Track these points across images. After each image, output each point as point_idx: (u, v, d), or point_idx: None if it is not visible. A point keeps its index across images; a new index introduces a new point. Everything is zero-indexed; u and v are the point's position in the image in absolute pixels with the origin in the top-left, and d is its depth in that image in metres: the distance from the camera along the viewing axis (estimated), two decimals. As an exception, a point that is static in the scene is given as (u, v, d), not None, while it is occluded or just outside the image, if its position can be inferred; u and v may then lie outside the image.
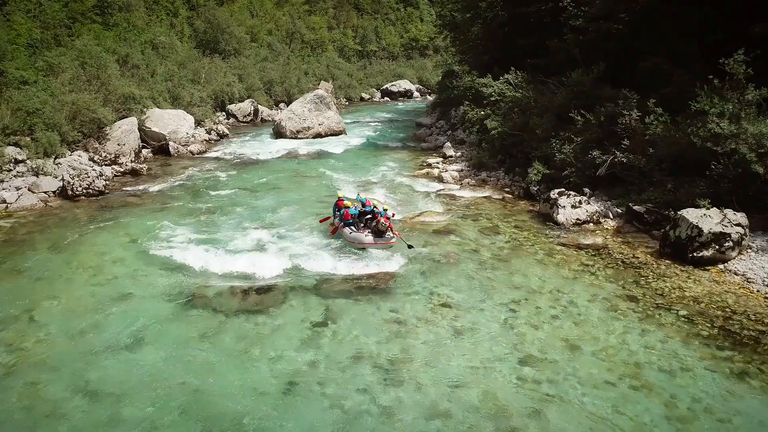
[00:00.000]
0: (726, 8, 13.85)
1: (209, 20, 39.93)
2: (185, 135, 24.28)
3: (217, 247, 11.53)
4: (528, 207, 14.92)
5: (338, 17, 64.85)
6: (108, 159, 19.52)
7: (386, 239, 11.48)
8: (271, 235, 12.49)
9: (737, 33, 12.66)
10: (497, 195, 16.22)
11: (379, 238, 11.41)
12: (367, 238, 11.45)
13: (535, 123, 16.82)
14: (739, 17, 13.28)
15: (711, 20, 14.18)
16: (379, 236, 11.41)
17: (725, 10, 13.87)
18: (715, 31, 13.97)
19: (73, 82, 20.87)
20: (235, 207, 15.01)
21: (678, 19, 15.17)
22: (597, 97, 15.65)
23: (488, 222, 13.59)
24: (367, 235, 11.50)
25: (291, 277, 10.32)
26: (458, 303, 9.31)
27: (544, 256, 11.30)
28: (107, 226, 13.24)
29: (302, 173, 19.77)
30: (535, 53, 21.35)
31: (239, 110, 34.07)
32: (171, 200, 15.72)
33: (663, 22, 15.60)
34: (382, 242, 11.45)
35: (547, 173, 15.42)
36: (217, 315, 8.85)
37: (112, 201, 15.63)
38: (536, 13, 21.97)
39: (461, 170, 19.44)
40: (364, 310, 9.05)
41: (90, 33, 27.70)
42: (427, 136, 28.05)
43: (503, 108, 19.68)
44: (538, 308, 9.11)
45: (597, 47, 17.67)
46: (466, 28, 29.14)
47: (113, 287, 9.90)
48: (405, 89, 56.17)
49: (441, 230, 12.97)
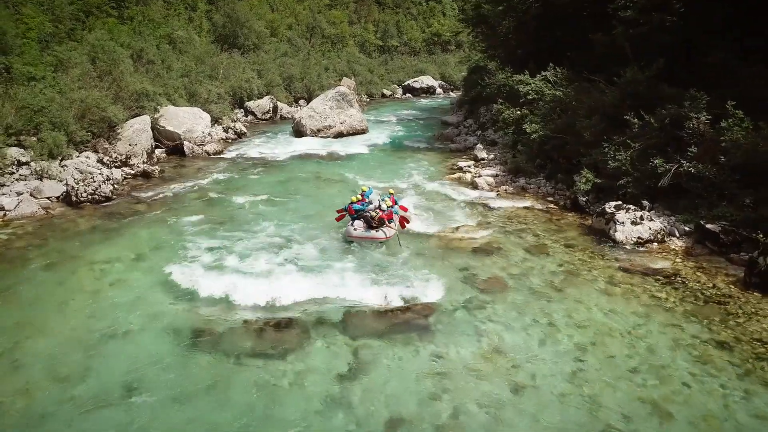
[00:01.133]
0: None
1: (228, 14, 38.71)
2: (201, 134, 23.05)
3: (229, 269, 10.18)
4: (577, 220, 13.28)
5: (359, 11, 63.34)
6: (118, 160, 18.33)
7: (373, 234, 11.19)
8: (290, 252, 11.09)
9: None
10: (540, 205, 14.59)
11: (367, 232, 11.20)
12: (356, 231, 11.30)
13: (582, 125, 15.12)
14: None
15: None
16: (370, 230, 11.21)
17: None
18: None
19: (83, 78, 19.68)
20: (251, 217, 13.66)
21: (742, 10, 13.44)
22: (655, 97, 13.91)
23: (534, 239, 12.00)
24: (356, 229, 11.33)
25: (313, 306, 8.90)
26: (513, 347, 7.78)
27: (606, 285, 9.69)
28: (110, 239, 11.98)
29: (324, 177, 18.36)
30: (574, 48, 19.68)
31: (258, 107, 32.80)
32: (181, 208, 14.42)
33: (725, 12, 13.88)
34: (369, 236, 11.20)
35: (597, 182, 13.75)
36: (228, 359, 7.46)
37: (118, 208, 14.39)
38: (575, 4, 20.27)
39: (496, 175, 17.83)
40: (401, 355, 7.58)
41: (104, 27, 26.65)
42: (454, 136, 26.42)
43: (542, 108, 18.00)
44: (610, 357, 7.55)
45: (648, 41, 15.95)
46: (496, 21, 27.43)
47: (110, 318, 8.58)
48: (427, 85, 54.39)
49: (482, 249, 11.42)
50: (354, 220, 11.61)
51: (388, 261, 10.72)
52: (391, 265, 10.47)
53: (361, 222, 11.46)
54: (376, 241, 11.24)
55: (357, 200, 12.06)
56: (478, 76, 29.56)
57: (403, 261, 10.69)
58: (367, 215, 11.34)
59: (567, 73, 18.91)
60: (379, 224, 11.24)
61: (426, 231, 12.53)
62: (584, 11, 20.41)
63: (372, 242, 11.26)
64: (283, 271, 10.10)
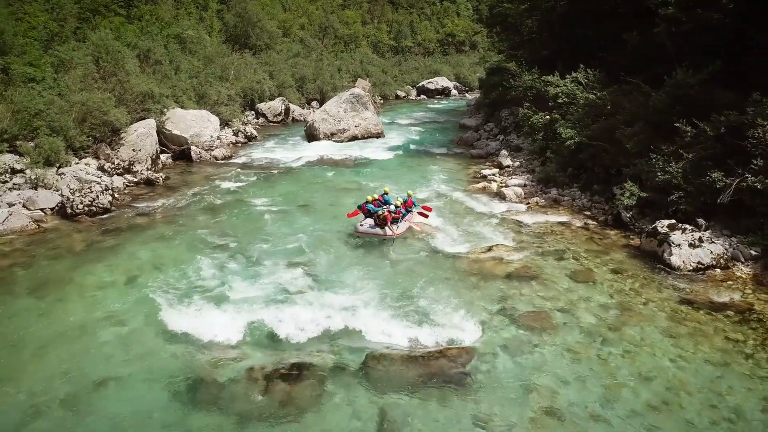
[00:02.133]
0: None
1: (240, 14, 37.75)
2: (209, 138, 21.96)
3: (234, 300, 8.95)
4: (621, 239, 11.90)
5: (372, 11, 62.26)
6: (121, 167, 17.23)
7: (377, 231, 11.74)
8: (303, 278, 9.87)
9: None
10: (577, 221, 13.22)
11: (372, 229, 11.79)
12: (362, 227, 11.89)
13: (623, 133, 13.72)
14: None
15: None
16: (375, 227, 11.78)
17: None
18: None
19: (85, 79, 18.63)
20: (260, 233, 12.46)
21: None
22: (709, 102, 12.50)
23: (576, 263, 10.65)
24: (362, 225, 11.92)
25: (330, 348, 7.66)
26: (569, 407, 6.45)
27: (669, 322, 8.33)
28: (105, 259, 10.83)
29: (339, 186, 17.13)
30: (605, 48, 18.28)
31: (269, 109, 31.72)
32: (185, 222, 13.26)
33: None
34: (372, 232, 11.79)
35: (642, 196, 12.36)
36: (228, 419, 6.22)
37: (117, 222, 13.26)
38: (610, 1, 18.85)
39: (524, 185, 16.48)
40: (436, 417, 6.29)
41: (110, 26, 25.67)
42: (475, 140, 25.07)
43: (575, 112, 16.62)
44: (689, 424, 6.20)
45: (691, 41, 14.56)
46: (519, 21, 26.07)
47: (96, 362, 7.39)
48: (442, 86, 53.04)
49: (519, 274, 10.10)
50: (366, 217, 12.18)
51: (415, 289, 9.44)
52: (419, 295, 9.21)
53: (370, 220, 12.02)
54: (378, 237, 11.80)
55: (373, 200, 12.41)
56: (500, 77, 28.19)
57: (434, 289, 9.40)
58: (376, 214, 11.91)
59: (600, 74, 17.55)
60: (383, 222, 11.68)
61: (455, 251, 11.25)
62: (618, 8, 18.99)
63: (375, 237, 11.85)
64: (294, 302, 8.86)
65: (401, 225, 12.32)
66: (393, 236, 11.77)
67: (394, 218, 11.98)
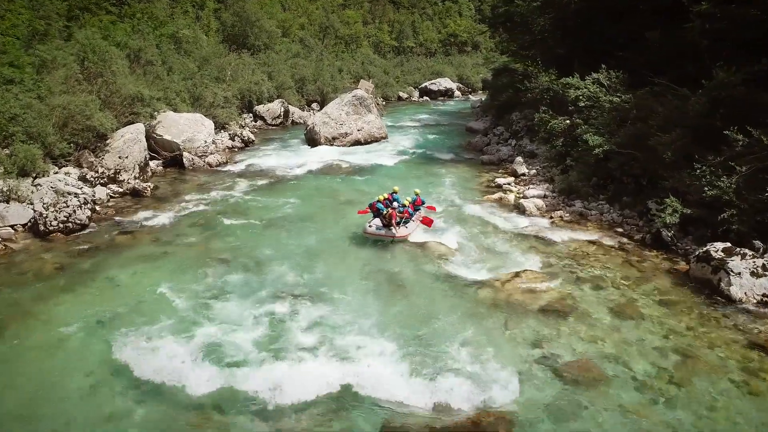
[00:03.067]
0: None
1: (238, 13, 36.27)
2: (203, 143, 20.54)
3: (222, 346, 7.55)
4: (664, 262, 10.51)
5: (374, 11, 60.90)
6: (105, 176, 15.82)
7: (386, 232, 11.53)
8: (304, 317, 8.45)
9: None
10: (609, 239, 11.82)
11: (380, 230, 11.58)
12: (370, 228, 11.68)
13: (659, 140, 12.33)
14: None
15: None
16: (383, 227, 11.57)
17: None
18: None
19: (68, 80, 17.22)
20: (256, 256, 11.06)
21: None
22: (756, 105, 11.15)
23: (617, 292, 9.26)
24: (371, 226, 11.71)
25: (338, 409, 6.27)
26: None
27: (743, 374, 6.94)
28: (76, 288, 9.44)
29: (343, 197, 15.73)
30: (626, 46, 16.96)
31: (268, 111, 30.31)
32: (172, 240, 11.88)
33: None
34: (382, 233, 11.56)
35: (686, 213, 10.98)
36: None
37: (95, 239, 11.87)
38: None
39: (544, 196, 15.10)
40: None
41: (100, 24, 24.29)
42: (484, 145, 23.66)
43: (598, 117, 15.25)
44: None
45: (724, 39, 13.27)
46: (531, 18, 24.68)
47: (51, 425, 6.01)
48: (446, 88, 51.58)
49: (553, 308, 8.72)
50: (374, 217, 12.00)
51: (435, 328, 8.06)
52: (440, 336, 7.82)
53: (377, 220, 11.82)
54: (386, 238, 11.58)
55: (383, 199, 12.16)
56: (509, 79, 26.86)
57: (458, 329, 8.02)
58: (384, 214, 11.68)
59: (623, 76, 16.18)
60: (389, 221, 11.52)
61: (477, 277, 9.87)
62: (639, 5, 17.66)
63: (385, 239, 11.61)
64: (294, 351, 7.45)
65: (410, 225, 12.11)
66: (400, 237, 11.59)
67: (403, 218, 11.92)
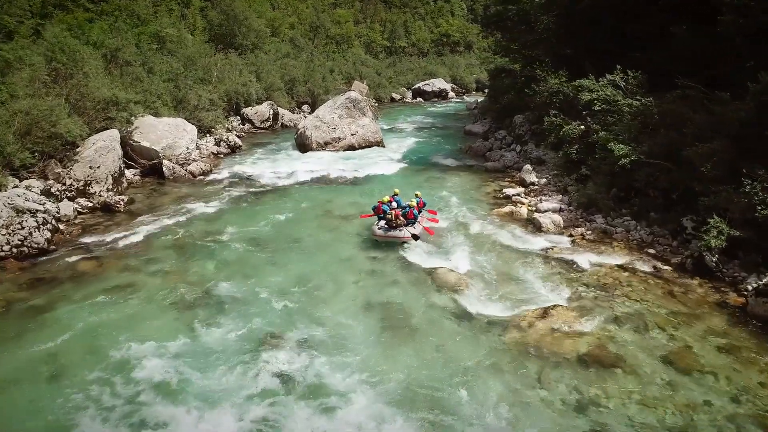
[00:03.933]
0: None
1: (225, 11, 34.60)
2: (185, 150, 18.99)
3: (196, 411, 6.07)
4: (712, 294, 9.11)
5: (365, 10, 59.43)
6: (73, 189, 14.23)
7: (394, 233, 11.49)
8: (296, 369, 7.00)
9: None
10: (641, 263, 10.43)
11: (388, 232, 11.52)
12: (379, 230, 11.63)
13: (696, 151, 10.97)
14: None
15: None
16: (391, 229, 11.52)
17: None
18: None
19: (32, 83, 15.58)
20: (240, 286, 9.55)
21: None
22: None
23: (666, 337, 7.84)
24: (379, 228, 11.66)
25: None
26: None
27: None
28: (26, 332, 7.89)
29: (337, 211, 14.26)
30: (643, 46, 15.70)
31: (256, 114, 28.78)
32: (142, 269, 10.32)
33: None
34: (391, 235, 11.51)
35: (734, 235, 9.62)
36: None
37: (55, 267, 10.30)
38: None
39: (560, 210, 13.73)
40: None
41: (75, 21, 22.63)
42: (486, 150, 22.27)
43: (617, 122, 13.91)
44: None
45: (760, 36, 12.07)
46: (534, 17, 23.34)
47: None
48: (439, 88, 50.33)
49: (594, 358, 7.29)
50: (380, 220, 11.95)
51: (453, 384, 6.63)
52: (461, 399, 6.38)
53: (384, 222, 11.76)
54: (397, 240, 11.55)
55: (387, 201, 12.12)
56: (511, 80, 25.53)
57: (480, 388, 6.58)
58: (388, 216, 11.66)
59: (642, 77, 14.87)
60: (396, 222, 11.51)
61: (497, 315, 8.44)
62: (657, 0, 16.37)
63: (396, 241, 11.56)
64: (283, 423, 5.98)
65: (417, 227, 11.93)
66: (408, 238, 11.51)
67: (409, 219, 11.77)
